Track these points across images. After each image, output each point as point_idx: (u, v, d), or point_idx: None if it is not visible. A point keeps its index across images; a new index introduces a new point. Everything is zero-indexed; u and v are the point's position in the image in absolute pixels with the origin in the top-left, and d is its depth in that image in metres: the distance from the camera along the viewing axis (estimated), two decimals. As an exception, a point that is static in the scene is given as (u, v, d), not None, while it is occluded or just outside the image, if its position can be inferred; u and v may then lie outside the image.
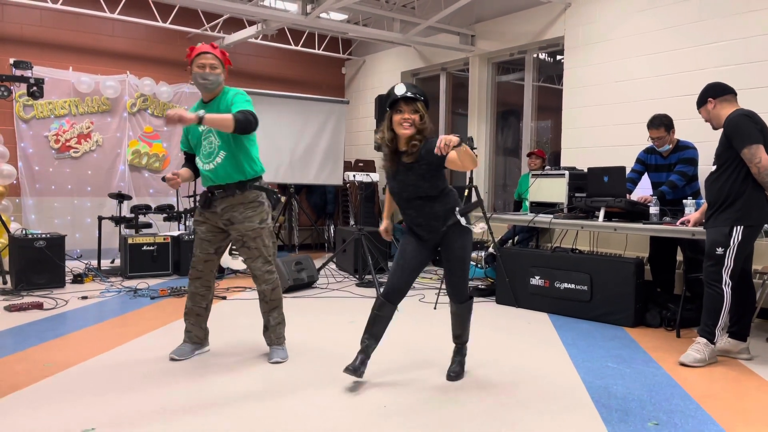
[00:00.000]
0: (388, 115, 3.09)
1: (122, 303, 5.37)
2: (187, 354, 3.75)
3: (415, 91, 3.06)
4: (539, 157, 6.69)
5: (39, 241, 5.81)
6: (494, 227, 6.01)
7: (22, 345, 3.97)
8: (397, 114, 3.05)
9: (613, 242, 5.94)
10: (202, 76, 3.57)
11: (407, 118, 3.03)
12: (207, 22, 8.40)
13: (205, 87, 3.61)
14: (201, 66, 3.58)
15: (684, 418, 2.89)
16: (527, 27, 7.07)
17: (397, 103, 3.04)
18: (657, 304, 4.78)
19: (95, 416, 2.81)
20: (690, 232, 4.19)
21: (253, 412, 2.88)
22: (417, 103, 3.05)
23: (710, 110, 3.82)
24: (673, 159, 4.95)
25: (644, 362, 3.78)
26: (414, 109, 3.04)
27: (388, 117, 3.09)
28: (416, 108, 3.05)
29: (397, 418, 2.84)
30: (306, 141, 8.72)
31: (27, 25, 7.64)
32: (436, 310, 5.23)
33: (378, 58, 9.52)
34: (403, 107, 3.04)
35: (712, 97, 3.81)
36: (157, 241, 6.73)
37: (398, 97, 3.03)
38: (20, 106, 7.57)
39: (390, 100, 3.06)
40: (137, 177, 8.38)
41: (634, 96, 5.96)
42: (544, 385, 3.32)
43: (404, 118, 3.03)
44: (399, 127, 3.05)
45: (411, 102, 3.04)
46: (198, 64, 3.59)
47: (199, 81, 3.59)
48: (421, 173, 3.10)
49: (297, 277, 6.05)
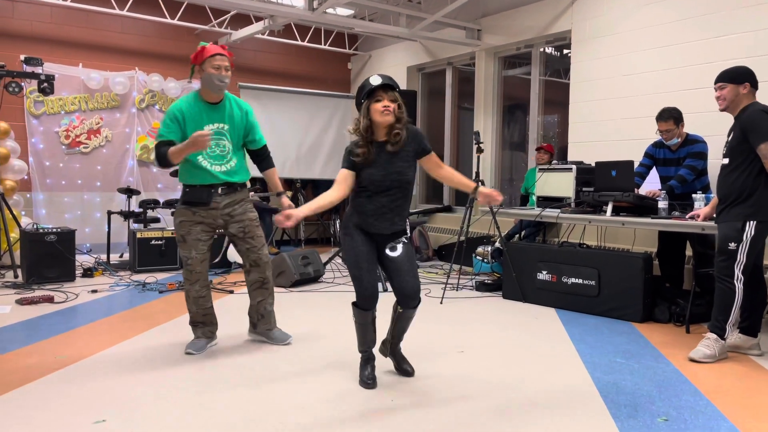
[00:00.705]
0: (366, 104, 3.10)
1: (131, 297, 5.41)
2: (202, 348, 3.78)
3: (390, 81, 3.11)
4: (547, 152, 6.67)
5: (50, 235, 5.86)
6: (500, 222, 6.01)
7: (34, 338, 4.01)
8: (376, 103, 3.07)
9: (620, 237, 5.92)
10: (220, 78, 3.58)
11: (387, 105, 3.05)
12: (214, 18, 8.41)
13: (220, 89, 3.62)
14: (217, 67, 3.57)
15: (694, 414, 2.89)
16: (534, 21, 7.05)
17: (374, 92, 3.06)
18: (666, 299, 4.76)
19: (106, 408, 2.84)
20: (700, 226, 4.17)
21: (262, 406, 2.90)
22: (394, 91, 3.09)
23: (739, 93, 3.70)
24: (682, 153, 4.93)
25: (653, 358, 3.77)
26: (392, 98, 3.08)
27: (366, 107, 3.10)
28: (394, 97, 3.08)
29: (403, 410, 2.86)
30: (312, 136, 8.73)
31: (37, 22, 7.67)
32: (442, 304, 5.24)
33: (384, 53, 9.51)
34: (382, 95, 3.06)
35: (750, 83, 3.71)
36: (165, 236, 6.76)
37: (376, 87, 3.06)
38: (31, 102, 7.62)
39: (366, 90, 3.08)
40: (145, 172, 8.42)
41: (642, 90, 5.93)
42: (552, 381, 3.32)
43: (384, 105, 3.04)
44: (379, 115, 3.05)
45: (389, 90, 3.07)
46: (213, 65, 3.56)
47: (216, 82, 3.58)
48: (407, 159, 3.13)
49: (303, 271, 6.07)
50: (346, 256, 3.18)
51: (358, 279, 3.13)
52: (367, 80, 3.12)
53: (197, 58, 3.60)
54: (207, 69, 3.56)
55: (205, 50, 3.59)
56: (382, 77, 3.09)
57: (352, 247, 3.14)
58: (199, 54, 3.59)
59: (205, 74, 3.58)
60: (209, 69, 3.56)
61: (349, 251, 3.15)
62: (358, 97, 3.13)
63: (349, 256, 3.14)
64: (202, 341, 3.81)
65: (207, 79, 3.59)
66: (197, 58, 3.60)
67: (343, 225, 3.21)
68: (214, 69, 3.56)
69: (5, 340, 3.96)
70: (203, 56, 3.57)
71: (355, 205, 3.16)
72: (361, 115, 3.12)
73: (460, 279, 6.21)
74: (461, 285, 6.07)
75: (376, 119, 3.07)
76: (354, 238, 3.14)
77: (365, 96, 3.08)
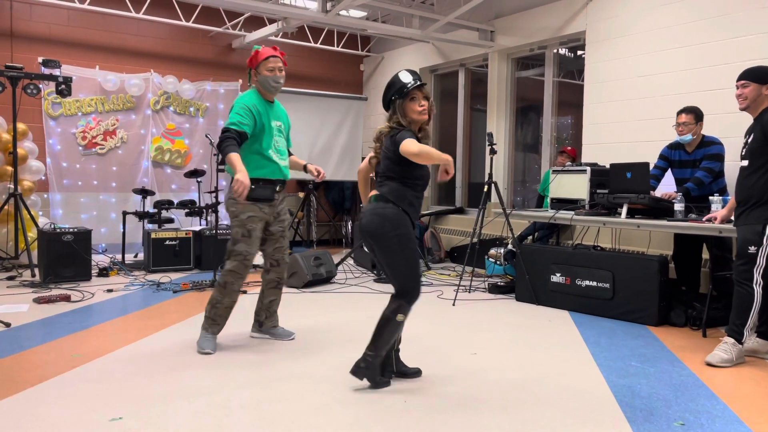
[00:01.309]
0: (400, 103, 3.10)
1: (146, 296, 5.45)
2: (215, 347, 3.81)
3: (421, 78, 3.13)
4: (570, 156, 6.62)
5: (67, 235, 5.92)
6: (513, 224, 5.99)
7: (51, 336, 4.05)
8: (411, 102, 3.09)
9: (635, 240, 5.88)
10: (275, 80, 3.75)
11: (424, 105, 3.10)
12: (228, 21, 8.47)
13: (276, 89, 3.78)
14: (271, 69, 3.72)
15: (711, 418, 2.86)
16: (548, 22, 7.03)
17: (408, 92, 3.08)
18: (682, 302, 4.71)
19: (123, 405, 2.86)
20: (717, 229, 4.13)
21: (275, 405, 2.91)
22: (426, 89, 3.14)
23: (762, 93, 3.67)
24: (699, 155, 4.88)
25: (669, 361, 3.74)
26: (426, 95, 3.12)
27: (401, 105, 3.10)
28: (427, 94, 3.13)
29: (416, 413, 2.85)
30: (324, 137, 8.75)
31: (55, 25, 7.76)
32: (455, 306, 5.23)
33: (396, 54, 9.52)
34: (417, 93, 3.09)
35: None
36: (180, 236, 6.81)
37: (412, 87, 3.07)
38: (49, 103, 7.70)
39: (397, 88, 3.09)
40: (160, 173, 8.48)
41: (657, 91, 5.89)
42: (566, 384, 3.31)
43: (422, 105, 3.10)
44: (417, 114, 3.09)
45: (422, 88, 3.11)
46: (268, 67, 3.71)
47: (272, 84, 3.74)
48: None
49: (316, 272, 6.08)
50: (413, 253, 3.09)
51: (418, 277, 3.13)
52: (397, 77, 3.11)
53: (252, 61, 3.75)
54: (262, 72, 3.72)
55: (259, 54, 3.74)
56: (413, 75, 3.10)
57: (414, 248, 3.12)
58: (254, 58, 3.75)
59: (261, 76, 3.73)
60: (264, 72, 3.72)
61: (414, 248, 3.11)
62: (388, 94, 3.13)
63: (413, 254, 3.10)
64: (214, 339, 3.83)
65: (263, 81, 3.74)
66: (252, 62, 3.75)
67: (397, 224, 3.06)
68: (268, 71, 3.73)
69: (23, 338, 4.00)
70: (258, 60, 3.73)
71: (407, 199, 3.10)
72: (396, 114, 3.11)
73: (472, 281, 6.19)
74: (474, 287, 6.06)
75: (413, 118, 3.09)
76: (413, 237, 3.12)
77: (399, 94, 3.08)
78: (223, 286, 3.77)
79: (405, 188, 3.10)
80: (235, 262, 3.73)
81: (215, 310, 3.80)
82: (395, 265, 3.09)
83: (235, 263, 3.73)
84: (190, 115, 8.66)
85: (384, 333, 3.10)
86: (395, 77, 3.13)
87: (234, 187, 3.40)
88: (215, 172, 6.65)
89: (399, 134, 3.03)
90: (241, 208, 3.70)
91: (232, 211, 3.72)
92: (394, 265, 3.09)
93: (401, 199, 3.09)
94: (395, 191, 3.10)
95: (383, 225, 3.06)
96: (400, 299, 3.10)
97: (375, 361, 3.14)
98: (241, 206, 3.69)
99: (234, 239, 3.73)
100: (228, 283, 3.76)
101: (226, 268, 3.76)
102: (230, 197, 3.69)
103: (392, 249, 3.07)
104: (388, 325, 3.09)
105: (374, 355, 3.13)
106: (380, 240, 3.09)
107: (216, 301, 3.79)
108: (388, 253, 3.09)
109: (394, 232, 3.05)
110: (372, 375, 3.15)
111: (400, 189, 3.09)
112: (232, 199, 3.66)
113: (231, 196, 3.66)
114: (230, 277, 3.75)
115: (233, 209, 3.71)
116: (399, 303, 3.09)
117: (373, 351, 3.13)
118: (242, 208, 3.70)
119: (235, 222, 3.72)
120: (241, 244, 3.72)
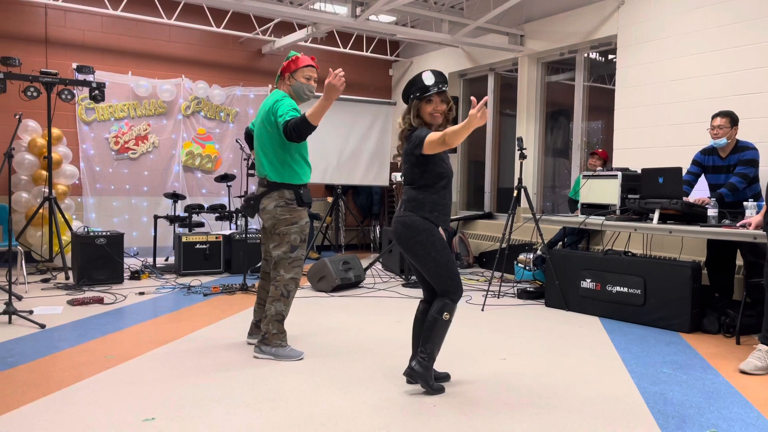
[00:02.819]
0: (416, 103, 3.11)
1: (176, 299, 5.53)
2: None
3: (443, 79, 3.11)
4: (601, 158, 6.54)
5: (100, 238, 6.03)
6: (543, 229, 5.93)
7: (84, 337, 4.14)
8: (426, 104, 3.09)
9: (667, 245, 5.79)
10: (309, 89, 3.78)
11: (438, 109, 3.10)
12: (258, 26, 8.57)
13: (309, 99, 3.79)
14: (308, 78, 3.76)
15: (744, 426, 2.80)
16: (578, 26, 6.97)
17: (426, 92, 3.08)
18: (715, 309, 4.63)
19: (155, 406, 2.91)
20: (751, 235, 4.05)
21: (305, 408, 2.93)
22: (446, 93, 3.13)
23: None
24: (733, 160, 4.79)
25: (702, 369, 3.67)
26: (443, 100, 3.12)
27: (416, 106, 3.11)
28: (446, 98, 3.13)
29: (446, 417, 2.84)
30: (353, 142, 8.79)
31: (89, 31, 7.94)
32: (484, 311, 5.20)
33: (425, 59, 9.53)
34: (434, 97, 3.10)
35: None
36: (210, 240, 6.89)
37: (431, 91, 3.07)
38: (82, 109, 7.87)
39: (417, 87, 3.09)
40: (190, 177, 8.60)
41: (689, 95, 5.80)
42: (598, 390, 3.27)
43: (435, 109, 3.10)
44: (429, 117, 3.11)
45: (441, 93, 3.11)
46: (305, 75, 3.74)
47: (306, 92, 3.77)
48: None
49: (344, 276, 6.10)
50: (440, 254, 3.08)
51: (457, 274, 3.14)
52: (420, 77, 3.11)
53: (291, 66, 3.75)
54: (299, 78, 3.74)
55: (299, 60, 3.75)
56: (435, 76, 3.10)
57: (444, 246, 3.11)
58: (293, 62, 3.75)
59: (297, 83, 3.74)
60: (301, 78, 3.74)
61: (443, 249, 3.09)
62: (408, 91, 3.13)
63: (445, 252, 3.10)
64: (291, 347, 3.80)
65: (298, 88, 3.75)
66: (291, 67, 3.75)
67: (416, 231, 3.07)
68: (305, 79, 3.75)
69: (58, 339, 4.09)
70: (297, 65, 3.74)
71: (433, 201, 3.11)
72: (411, 112, 3.12)
73: (501, 286, 6.15)
74: (503, 292, 6.02)
75: (425, 120, 3.12)
76: (440, 236, 3.11)
77: (417, 94, 3.09)
78: (287, 296, 3.71)
79: (424, 194, 3.11)
80: (296, 268, 3.70)
81: (281, 323, 3.73)
82: (428, 270, 3.13)
83: (295, 269, 3.70)
84: (220, 120, 8.78)
85: (433, 334, 3.12)
86: (418, 76, 3.13)
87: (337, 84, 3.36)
88: (245, 177, 6.72)
89: (414, 134, 3.06)
90: (298, 216, 3.67)
91: (287, 218, 3.65)
92: (427, 270, 3.13)
93: (419, 207, 3.10)
94: (413, 200, 3.12)
95: (405, 234, 3.12)
96: (444, 298, 3.12)
97: (429, 364, 3.14)
98: (296, 213, 3.67)
99: (292, 246, 3.67)
100: (291, 291, 3.72)
101: (287, 276, 3.68)
102: (279, 205, 3.64)
103: (419, 255, 3.11)
104: (436, 325, 3.11)
105: (427, 357, 3.14)
106: (406, 249, 3.15)
107: (283, 314, 3.72)
108: (417, 260, 3.14)
109: (415, 239, 3.08)
110: (426, 378, 3.14)
111: (417, 197, 3.11)
112: (283, 207, 3.64)
113: (280, 205, 3.64)
114: (292, 285, 3.72)
115: (288, 216, 3.65)
116: (443, 302, 3.11)
117: (425, 353, 3.13)
118: (299, 215, 3.68)
119: (294, 229, 3.66)
120: (300, 250, 3.70)
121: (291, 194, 3.66)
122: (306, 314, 5.00)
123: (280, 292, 3.69)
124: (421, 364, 3.12)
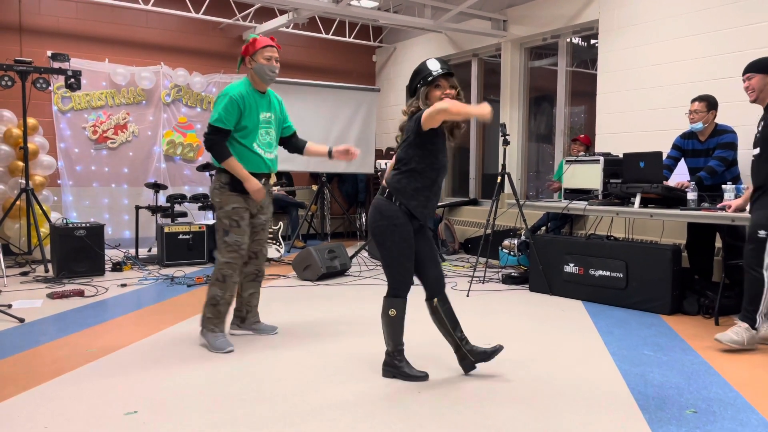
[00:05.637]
0: (425, 91, 3.06)
1: (160, 290, 5.48)
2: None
3: (449, 67, 3.09)
4: (583, 143, 6.55)
5: (79, 230, 5.96)
6: (527, 214, 5.95)
7: (65, 331, 4.09)
8: (436, 90, 3.04)
9: (648, 229, 5.83)
10: (271, 69, 3.70)
11: (448, 94, 3.03)
12: (238, 12, 8.46)
13: (271, 79, 3.74)
14: (268, 58, 3.68)
15: (723, 406, 2.84)
16: (560, 11, 6.95)
17: (434, 78, 3.04)
18: (695, 291, 4.69)
19: (138, 399, 2.88)
20: (730, 217, 4.10)
21: (290, 399, 2.92)
22: (453, 78, 3.08)
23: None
24: (712, 144, 4.83)
25: (682, 350, 3.72)
26: (452, 84, 3.07)
27: (424, 93, 3.06)
28: (453, 83, 3.08)
29: (430, 405, 2.85)
30: (337, 129, 8.73)
31: (63, 18, 7.79)
32: (469, 297, 5.22)
33: (409, 45, 9.47)
34: (442, 82, 3.05)
35: None
36: (193, 230, 6.84)
37: (438, 75, 3.03)
38: (58, 98, 7.74)
39: (423, 75, 3.06)
40: (172, 167, 8.52)
41: (671, 80, 5.82)
42: (580, 373, 3.30)
43: (445, 93, 3.03)
44: (438, 101, 3.02)
45: (448, 77, 3.06)
46: (265, 56, 3.67)
47: (268, 73, 3.70)
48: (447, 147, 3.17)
49: (330, 265, 6.09)
50: (396, 245, 3.04)
51: (407, 270, 3.10)
52: (424, 65, 3.08)
53: (249, 49, 3.69)
54: (259, 59, 3.67)
55: (256, 42, 3.70)
56: (441, 63, 3.07)
57: (405, 238, 3.05)
58: (251, 45, 3.69)
59: (257, 64, 3.68)
60: (261, 60, 3.67)
61: (400, 241, 3.04)
62: (413, 81, 3.09)
63: (402, 245, 3.05)
64: (224, 336, 3.76)
65: (259, 70, 3.68)
66: (249, 50, 3.69)
67: (381, 215, 3.06)
68: (265, 60, 3.67)
69: (37, 333, 4.04)
70: (255, 47, 3.68)
71: (415, 188, 3.06)
72: (419, 100, 3.07)
73: (486, 272, 6.18)
74: (488, 278, 6.04)
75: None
76: (405, 227, 3.05)
77: (424, 82, 3.05)
78: (223, 281, 3.70)
79: (408, 179, 3.05)
80: (230, 252, 3.70)
81: (219, 307, 3.72)
82: (382, 258, 3.13)
83: (230, 254, 3.70)
84: (201, 108, 8.68)
85: (384, 329, 3.17)
86: (422, 64, 3.10)
87: (255, 198, 3.64)
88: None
89: (419, 111, 3.01)
90: (226, 200, 3.68)
91: (217, 202, 3.70)
92: (381, 258, 3.13)
93: (400, 191, 3.05)
94: (396, 182, 3.07)
95: (371, 217, 3.11)
96: (387, 294, 3.13)
97: (393, 358, 3.17)
98: (226, 197, 3.68)
99: (223, 230, 3.71)
100: (227, 276, 3.70)
101: (222, 260, 3.70)
102: (215, 188, 3.71)
103: (378, 240, 3.10)
104: (384, 322, 3.15)
105: (390, 352, 3.18)
106: (370, 232, 3.14)
107: (218, 298, 3.71)
108: (377, 245, 3.12)
109: (377, 223, 3.07)
110: (396, 371, 3.17)
111: (401, 181, 3.06)
112: (217, 190, 3.69)
113: (216, 188, 3.70)
114: (228, 269, 3.70)
115: (218, 200, 3.70)
116: (388, 300, 3.12)
117: (388, 348, 3.19)
118: (227, 200, 3.68)
119: (221, 213, 3.70)
120: (231, 234, 3.70)
121: (226, 178, 3.67)
122: (291, 303, 4.99)
123: (215, 277, 3.73)
124: (388, 362, 3.20)
